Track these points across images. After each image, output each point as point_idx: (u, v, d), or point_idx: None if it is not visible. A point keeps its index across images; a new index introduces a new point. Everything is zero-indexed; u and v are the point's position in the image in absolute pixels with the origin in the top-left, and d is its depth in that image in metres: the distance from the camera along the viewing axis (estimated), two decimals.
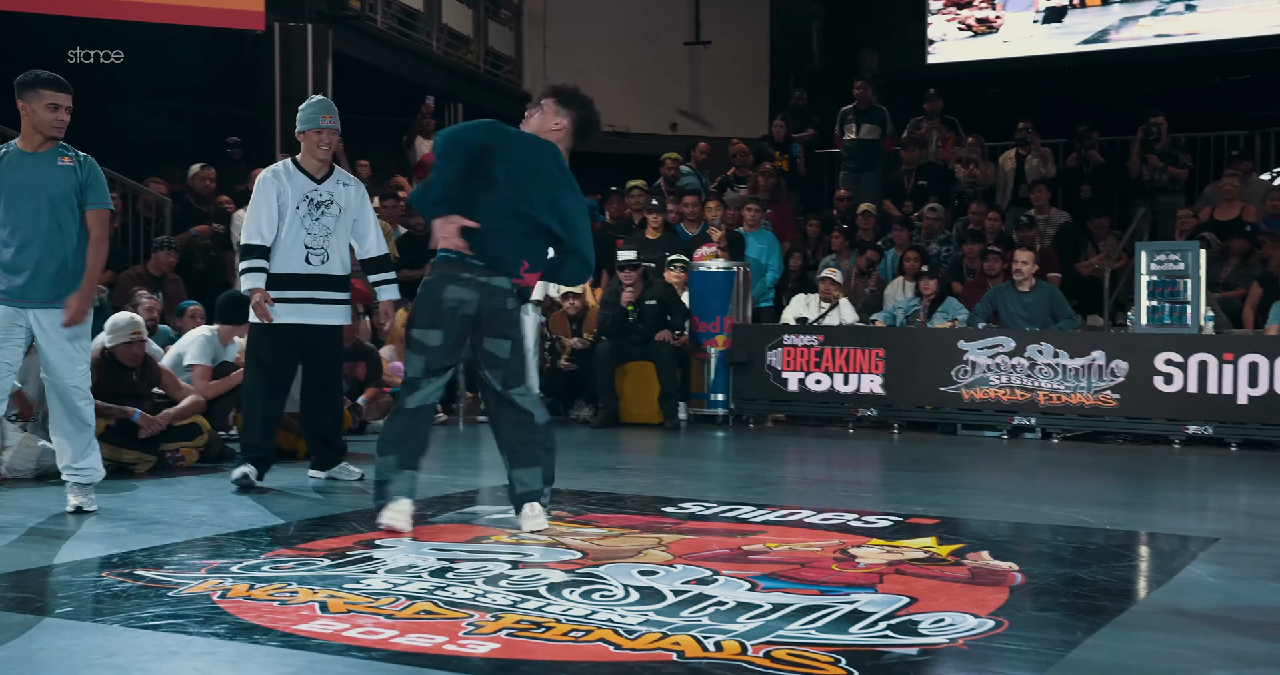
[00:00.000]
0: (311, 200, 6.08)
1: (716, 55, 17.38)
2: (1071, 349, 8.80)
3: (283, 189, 6.04)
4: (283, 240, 6.02)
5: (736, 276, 9.88)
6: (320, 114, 6.16)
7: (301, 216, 6.05)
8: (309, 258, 6.05)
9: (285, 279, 6.01)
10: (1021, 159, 12.52)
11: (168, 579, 3.94)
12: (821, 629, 3.43)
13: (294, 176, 6.10)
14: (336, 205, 6.14)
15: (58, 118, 5.19)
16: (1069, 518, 5.43)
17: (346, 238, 6.20)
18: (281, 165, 6.19)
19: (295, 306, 6.03)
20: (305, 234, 6.05)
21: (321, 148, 6.12)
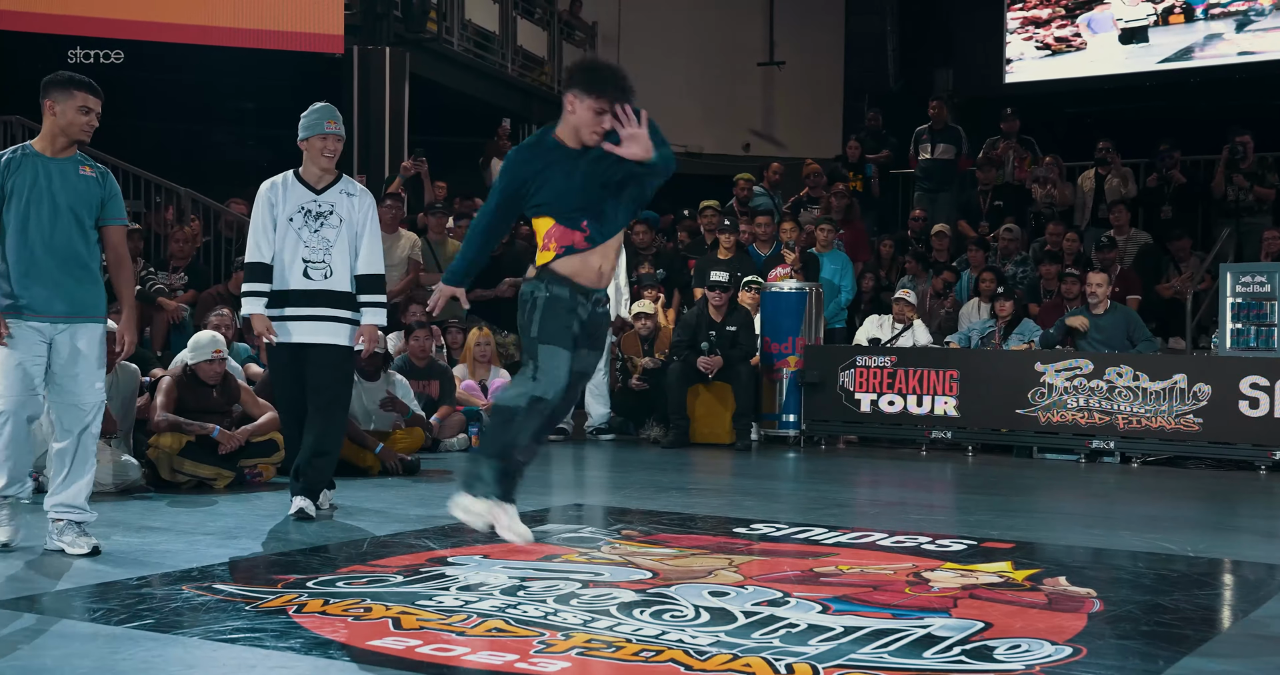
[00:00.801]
0: (309, 211, 5.71)
1: (790, 75, 17.37)
2: (1152, 372, 8.64)
3: (276, 201, 5.72)
4: (279, 255, 5.69)
5: (809, 297, 9.83)
6: (324, 120, 5.77)
7: (297, 229, 5.68)
8: (308, 271, 5.68)
9: (284, 295, 5.68)
10: (1101, 179, 12.34)
11: (245, 593, 4.00)
12: (894, 653, 3.39)
13: (291, 187, 5.76)
14: (337, 215, 5.74)
15: (89, 122, 4.88)
16: (1150, 544, 5.32)
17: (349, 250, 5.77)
18: (281, 177, 5.83)
19: (294, 324, 5.67)
20: (303, 247, 5.68)
21: (325, 156, 5.74)
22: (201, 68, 13.00)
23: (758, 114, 17.68)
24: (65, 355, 4.84)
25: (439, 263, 10.18)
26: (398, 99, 13.05)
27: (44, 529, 5.32)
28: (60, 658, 3.18)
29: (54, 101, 4.86)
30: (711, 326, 9.45)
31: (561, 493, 7.14)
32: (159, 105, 13.52)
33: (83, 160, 4.95)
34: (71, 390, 4.86)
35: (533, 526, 5.42)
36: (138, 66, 12.61)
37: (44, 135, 4.90)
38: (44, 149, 4.87)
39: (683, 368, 9.44)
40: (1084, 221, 12.28)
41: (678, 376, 9.44)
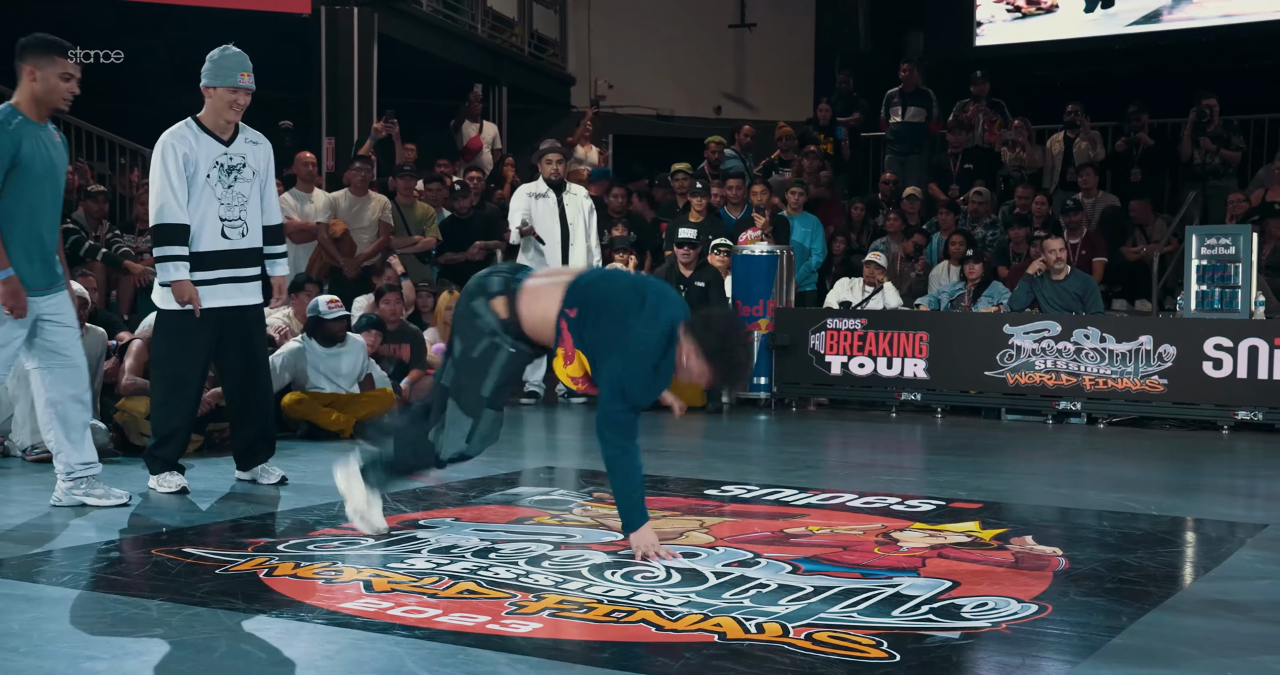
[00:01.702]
0: (222, 165, 5.30)
1: (761, 38, 17.29)
2: (1119, 334, 8.70)
3: (190, 153, 5.25)
4: (197, 213, 5.26)
5: (780, 260, 9.84)
6: (238, 71, 5.31)
7: (213, 185, 5.28)
8: (224, 231, 5.31)
9: (201, 257, 5.27)
10: (1070, 142, 12.38)
11: (215, 557, 4.00)
12: (863, 612, 3.43)
13: (200, 139, 5.29)
14: (249, 168, 5.38)
15: (71, 89, 4.75)
16: (1114, 503, 5.39)
17: (260, 205, 5.46)
18: (184, 127, 5.33)
19: (213, 288, 5.31)
20: (219, 205, 5.29)
21: (234, 109, 5.32)
22: (168, 28, 12.82)
23: (729, 76, 17.61)
24: (55, 321, 4.84)
25: (408, 226, 10.12)
26: (366, 60, 12.91)
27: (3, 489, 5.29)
28: (28, 622, 3.18)
29: (34, 66, 4.72)
30: (680, 282, 9.46)
31: (533, 456, 7.16)
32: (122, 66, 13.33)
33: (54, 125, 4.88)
34: (69, 354, 4.91)
35: (504, 489, 5.45)
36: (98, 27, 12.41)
37: (25, 101, 4.73)
38: (31, 116, 4.72)
39: None
40: (1053, 185, 12.33)
41: None
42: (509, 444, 7.43)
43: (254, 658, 2.94)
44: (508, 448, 7.24)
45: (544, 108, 16.85)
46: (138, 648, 2.98)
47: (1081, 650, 3.11)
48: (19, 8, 11.45)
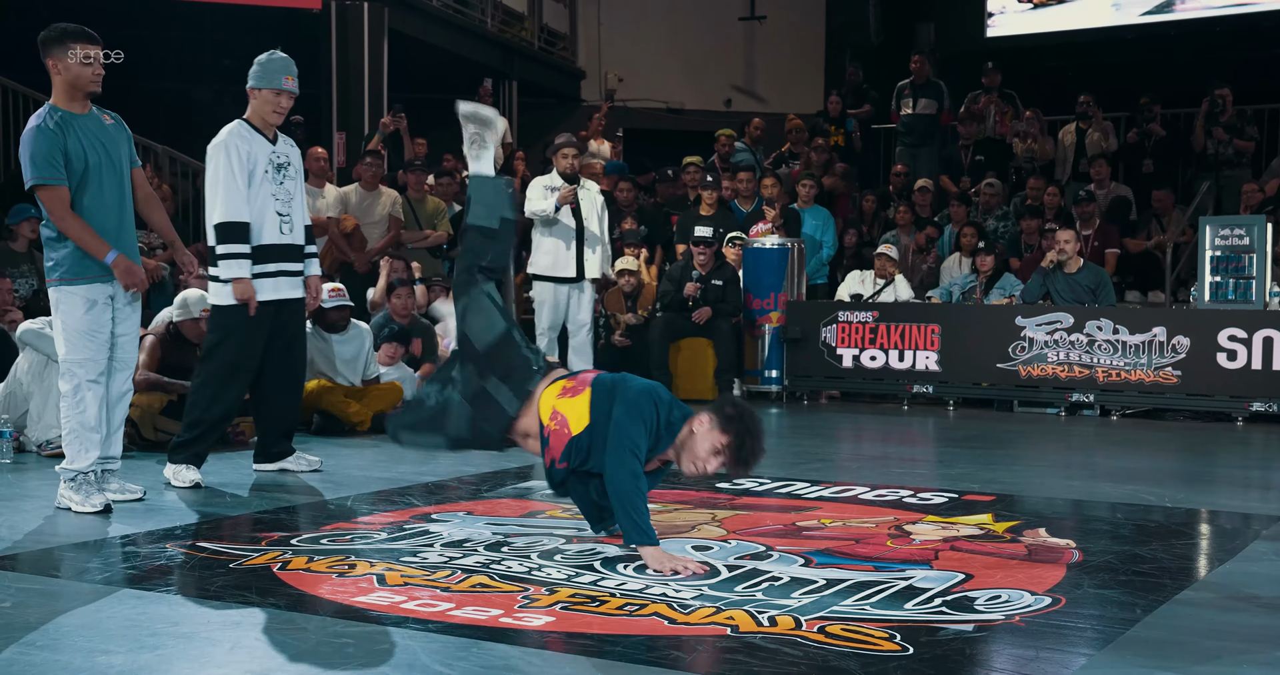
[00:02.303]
0: (274, 163, 5.53)
1: (771, 30, 17.25)
2: (1132, 325, 8.68)
3: (251, 151, 5.46)
4: (255, 209, 5.46)
5: (791, 253, 9.83)
6: (283, 74, 5.50)
7: (269, 181, 5.49)
8: (281, 227, 5.53)
9: (262, 250, 5.46)
10: (1082, 133, 12.33)
11: (229, 551, 4.01)
12: (876, 605, 3.43)
13: (255, 138, 5.51)
14: (293, 167, 5.63)
15: (95, 72, 4.78)
16: (1128, 495, 5.38)
17: (303, 203, 5.70)
18: (238, 127, 5.53)
19: (274, 280, 5.52)
20: (275, 201, 5.51)
21: (276, 113, 5.52)
22: (180, 24, 12.84)
23: (739, 69, 17.57)
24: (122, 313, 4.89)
25: (419, 220, 10.13)
26: (376, 55, 12.92)
27: (18, 484, 5.32)
28: (44, 616, 3.19)
29: (55, 59, 4.77)
30: (697, 280, 9.47)
31: None
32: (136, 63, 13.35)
33: (101, 110, 4.93)
34: (126, 346, 4.94)
35: (516, 483, 5.46)
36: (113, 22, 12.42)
37: (59, 95, 4.79)
38: (72, 108, 4.78)
39: (665, 324, 9.45)
40: (1065, 176, 12.28)
41: (660, 333, 9.45)
42: None
43: (268, 651, 2.95)
44: None
45: (554, 102, 16.85)
46: (153, 642, 2.99)
47: (1096, 642, 3.11)
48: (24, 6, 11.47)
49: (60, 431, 5.90)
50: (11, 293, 7.66)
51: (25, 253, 8.44)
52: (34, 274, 8.36)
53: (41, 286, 8.24)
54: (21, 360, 6.40)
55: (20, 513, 4.76)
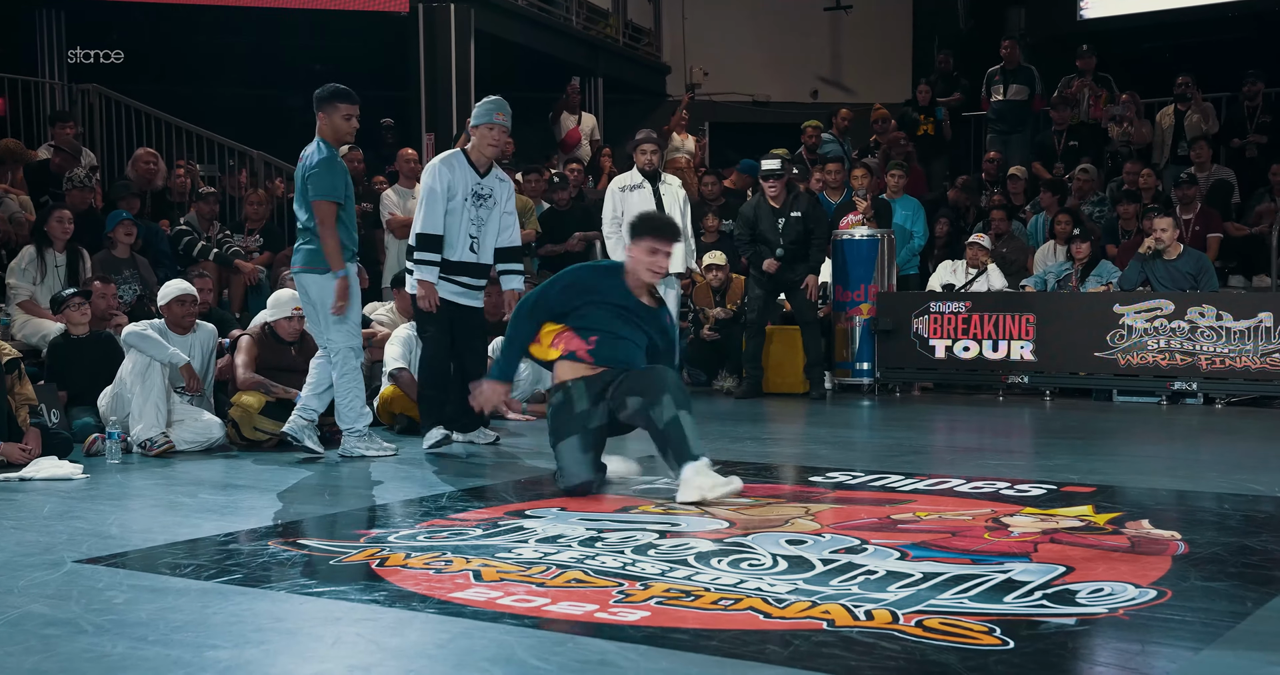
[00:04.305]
0: (476, 193, 6.48)
1: (858, 20, 17.09)
2: (1236, 311, 8.45)
3: (454, 180, 6.43)
4: (450, 229, 6.42)
5: (881, 244, 9.73)
6: (495, 112, 6.51)
7: (468, 207, 6.45)
8: (472, 247, 6.50)
9: (453, 266, 6.47)
10: (1180, 115, 12.03)
11: (329, 548, 4.08)
12: (974, 598, 3.37)
13: (463, 168, 6.49)
14: (494, 199, 6.56)
15: (353, 125, 6.31)
16: (1236, 485, 5.23)
17: (496, 229, 6.61)
18: (453, 156, 6.55)
19: (459, 290, 6.50)
20: (470, 224, 6.47)
21: (490, 146, 6.49)
22: (271, 31, 13.09)
23: (825, 60, 17.44)
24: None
25: None
26: (463, 56, 13.05)
27: (126, 484, 5.46)
28: (154, 612, 3.27)
29: (325, 113, 6.31)
30: (774, 215, 9.31)
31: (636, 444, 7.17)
32: (230, 69, 13.65)
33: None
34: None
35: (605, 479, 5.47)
36: (209, 31, 12.73)
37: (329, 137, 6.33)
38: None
39: (759, 310, 9.38)
40: (1163, 159, 12.01)
41: (751, 326, 9.41)
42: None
43: (367, 647, 3.00)
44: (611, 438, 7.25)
45: (640, 97, 16.87)
46: (257, 637, 3.06)
47: (1204, 636, 3.03)
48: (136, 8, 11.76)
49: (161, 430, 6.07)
50: (116, 298, 7.86)
51: (127, 258, 8.66)
52: (136, 279, 8.58)
53: (144, 292, 8.47)
54: (126, 362, 6.58)
55: (129, 511, 4.89)
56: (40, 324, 7.82)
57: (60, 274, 8.18)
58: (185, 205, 10.18)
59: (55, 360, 7.14)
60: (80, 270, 8.25)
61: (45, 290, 8.03)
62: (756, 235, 9.32)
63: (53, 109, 11.24)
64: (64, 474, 5.58)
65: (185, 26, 12.49)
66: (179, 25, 12.43)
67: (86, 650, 2.93)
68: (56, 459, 5.75)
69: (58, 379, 7.02)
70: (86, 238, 8.58)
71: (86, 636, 3.04)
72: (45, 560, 3.91)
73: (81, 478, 5.57)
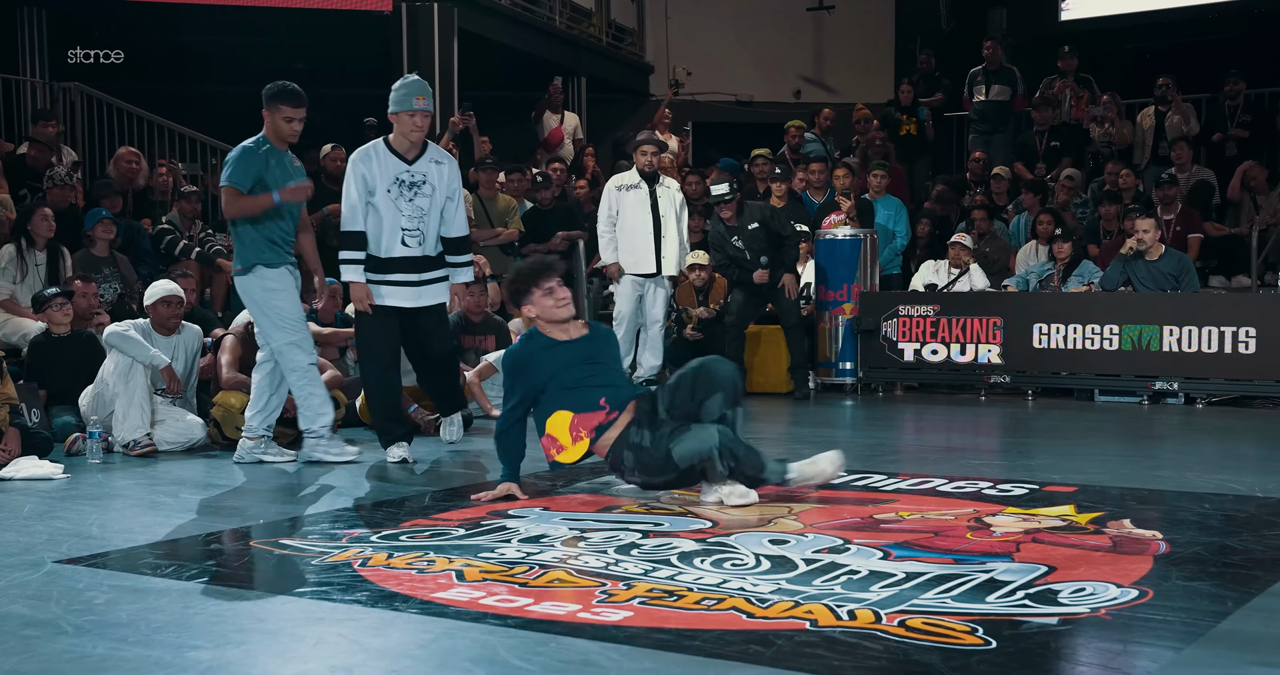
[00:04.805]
0: (403, 182, 6.00)
1: (840, 20, 17.12)
2: (1217, 311, 8.48)
3: (370, 172, 5.98)
4: (379, 224, 5.98)
5: (864, 244, 9.75)
6: (413, 96, 5.99)
7: (394, 199, 5.98)
8: (405, 240, 6.01)
9: (386, 263, 6.00)
10: (1161, 116, 12.09)
11: (311, 548, 4.06)
12: (957, 598, 3.38)
13: (384, 158, 6.01)
14: (430, 184, 6.05)
15: (293, 128, 5.92)
16: (1217, 485, 5.26)
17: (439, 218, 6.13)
18: (371, 147, 6.09)
19: (397, 289, 6.03)
20: (401, 216, 5.99)
21: (414, 131, 5.99)
22: (253, 29, 13.04)
23: (808, 60, 17.46)
24: None
25: (490, 218, 10.19)
26: (447, 55, 13.02)
27: (107, 484, 5.43)
28: (135, 613, 3.26)
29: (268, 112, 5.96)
30: (733, 233, 9.30)
31: None
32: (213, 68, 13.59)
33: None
34: None
35: (592, 479, 5.47)
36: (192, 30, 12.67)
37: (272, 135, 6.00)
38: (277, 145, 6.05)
39: (741, 311, 9.38)
40: (1144, 160, 12.06)
41: (733, 326, 9.41)
42: None
43: (349, 647, 2.99)
44: None
45: (623, 97, 16.87)
46: (239, 638, 3.04)
47: (1185, 636, 3.04)
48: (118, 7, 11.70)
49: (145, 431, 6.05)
50: (97, 297, 7.82)
51: (107, 257, 8.61)
52: (116, 278, 8.53)
53: (124, 290, 8.43)
54: (108, 362, 6.55)
55: (110, 512, 4.87)
56: (21, 323, 7.77)
57: (41, 273, 8.13)
58: (167, 204, 10.14)
59: (36, 359, 7.10)
60: (61, 269, 8.20)
61: (25, 289, 7.99)
62: (729, 257, 9.36)
63: (34, 107, 11.18)
64: (44, 474, 5.55)
65: (168, 25, 12.43)
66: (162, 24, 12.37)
67: (67, 651, 2.91)
68: (36, 459, 5.71)
69: (38, 378, 6.98)
70: (67, 236, 8.54)
71: (67, 637, 3.03)
72: (25, 561, 3.89)
73: (62, 477, 5.55)
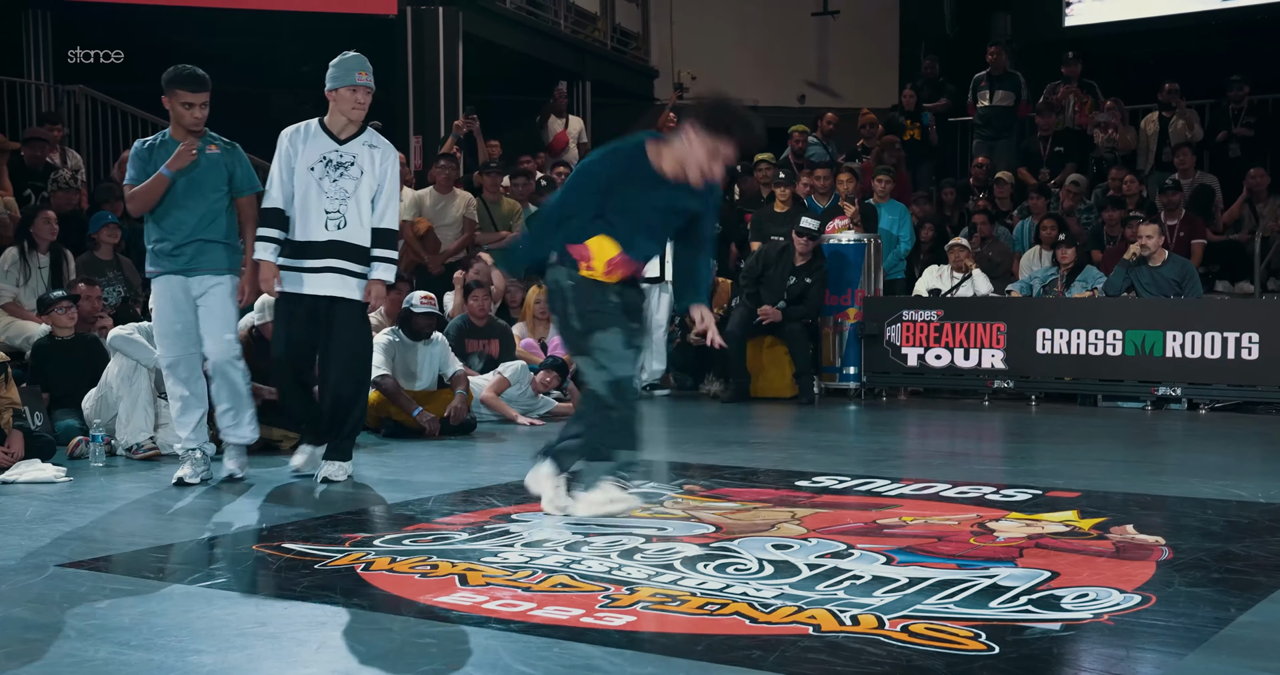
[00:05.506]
0: (329, 161, 5.55)
1: (845, 25, 17.13)
2: (1220, 317, 8.47)
3: (296, 149, 5.58)
4: (301, 204, 5.55)
5: (868, 248, 9.75)
6: (355, 70, 5.61)
7: (318, 178, 5.53)
8: (326, 223, 5.54)
9: (305, 246, 5.55)
10: (1165, 122, 12.08)
11: (314, 552, 4.06)
12: (960, 603, 3.38)
13: (313, 136, 5.61)
14: (358, 167, 5.58)
15: (193, 115, 5.51)
16: (1219, 490, 5.25)
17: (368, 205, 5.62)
18: (304, 124, 5.69)
19: (314, 276, 5.56)
20: (325, 197, 5.53)
21: (354, 108, 5.58)
22: (258, 32, 13.06)
23: (812, 65, 17.47)
24: None
25: (494, 222, 10.20)
26: (451, 58, 13.04)
27: (109, 487, 5.43)
28: (137, 616, 3.26)
29: (166, 98, 5.57)
30: (791, 271, 9.33)
31: None
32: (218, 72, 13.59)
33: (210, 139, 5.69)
34: None
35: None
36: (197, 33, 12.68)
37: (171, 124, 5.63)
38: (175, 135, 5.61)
39: (743, 320, 9.39)
40: (1148, 165, 12.06)
41: (738, 330, 9.42)
42: None
43: (352, 651, 2.99)
44: None
45: (628, 101, 16.87)
46: (242, 642, 3.04)
47: (1188, 642, 3.04)
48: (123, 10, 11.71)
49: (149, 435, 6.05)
50: (100, 300, 7.83)
51: (111, 260, 8.62)
52: (120, 281, 8.54)
53: (129, 293, 8.44)
54: (112, 365, 6.55)
55: (112, 515, 4.87)
56: (24, 326, 7.78)
57: (44, 275, 8.14)
58: None
59: (40, 361, 7.10)
60: (64, 272, 8.21)
61: (29, 292, 8.00)
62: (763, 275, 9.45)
63: (39, 110, 11.20)
64: (47, 477, 5.55)
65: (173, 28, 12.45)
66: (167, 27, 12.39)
67: (69, 655, 2.91)
68: (39, 462, 5.71)
69: (41, 380, 6.98)
70: (71, 239, 8.55)
71: (69, 641, 3.03)
72: (28, 564, 3.89)
73: (64, 481, 5.55)
